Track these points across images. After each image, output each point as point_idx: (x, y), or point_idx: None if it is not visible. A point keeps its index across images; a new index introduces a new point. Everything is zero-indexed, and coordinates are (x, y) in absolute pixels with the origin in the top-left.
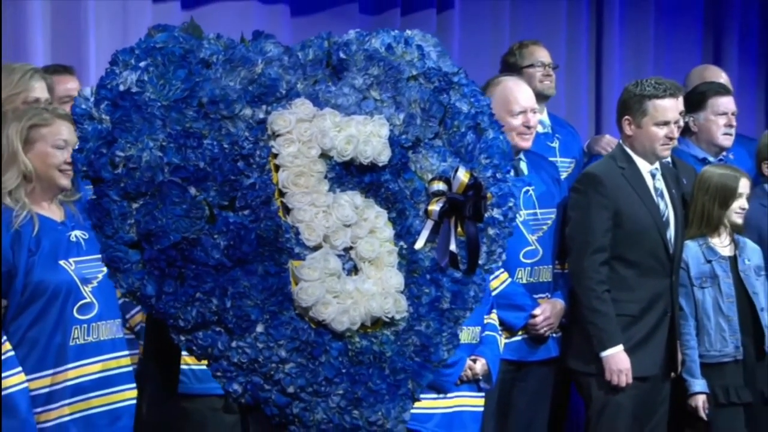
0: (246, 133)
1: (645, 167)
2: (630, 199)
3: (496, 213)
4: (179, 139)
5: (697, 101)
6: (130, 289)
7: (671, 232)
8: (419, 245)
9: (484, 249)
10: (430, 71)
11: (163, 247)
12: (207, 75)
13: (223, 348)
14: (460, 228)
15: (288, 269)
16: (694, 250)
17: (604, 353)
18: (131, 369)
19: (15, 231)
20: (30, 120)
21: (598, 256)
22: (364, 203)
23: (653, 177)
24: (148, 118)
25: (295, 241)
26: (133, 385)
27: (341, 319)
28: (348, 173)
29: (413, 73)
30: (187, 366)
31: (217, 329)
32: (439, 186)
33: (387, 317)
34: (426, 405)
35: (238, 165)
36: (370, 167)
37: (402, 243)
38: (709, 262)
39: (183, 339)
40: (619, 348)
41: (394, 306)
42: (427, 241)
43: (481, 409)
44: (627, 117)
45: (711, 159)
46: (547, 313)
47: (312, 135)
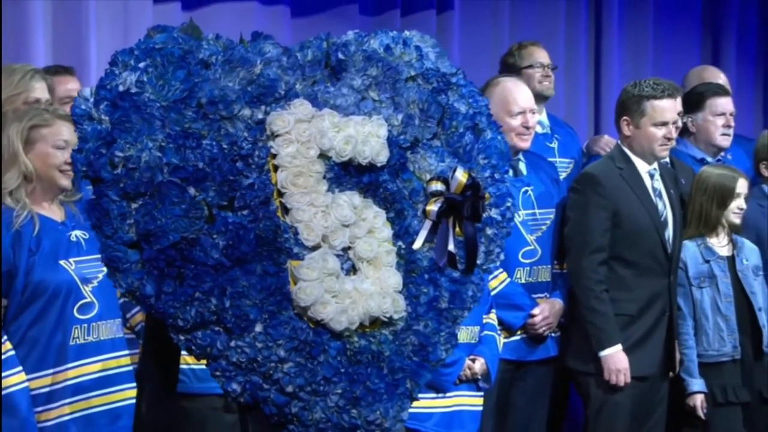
0: (245, 134)
1: (643, 167)
2: (628, 200)
3: (494, 213)
4: (178, 140)
5: (696, 102)
6: (129, 289)
7: (669, 232)
8: (417, 245)
9: (482, 249)
10: (428, 72)
11: (162, 247)
12: (206, 76)
13: (222, 347)
14: (458, 228)
15: (287, 269)
16: (692, 250)
17: (602, 353)
18: (131, 368)
19: (15, 231)
20: (31, 120)
21: (596, 256)
22: (362, 203)
23: (651, 177)
24: (147, 118)
25: (294, 241)
26: (134, 385)
27: (340, 319)
28: (346, 173)
29: (411, 74)
30: (187, 365)
31: (216, 329)
32: (438, 186)
33: (385, 317)
34: (425, 404)
35: (237, 165)
36: (368, 167)
37: (400, 243)
38: (708, 262)
39: (182, 338)
40: (618, 347)
41: (392, 306)
42: (426, 241)
43: (480, 409)
44: (625, 117)
45: (709, 159)
46: (546, 313)
47: (311, 135)
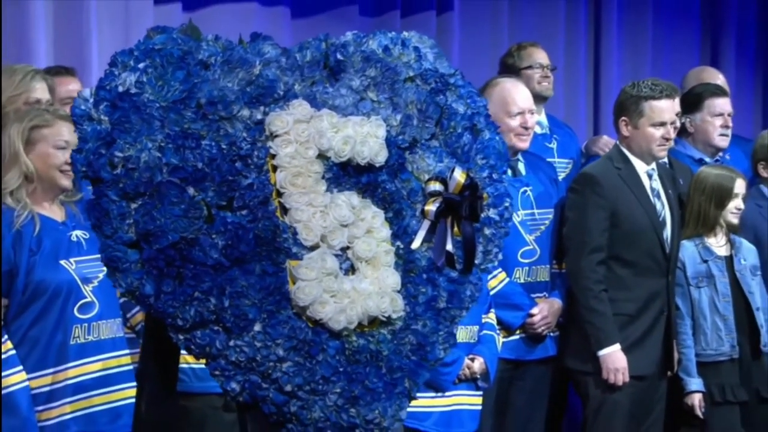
0: (244, 134)
1: (642, 168)
2: (627, 200)
3: (492, 213)
4: (178, 140)
5: (694, 102)
6: (128, 289)
7: (668, 232)
8: (416, 245)
9: (480, 249)
10: (426, 73)
11: (162, 247)
12: (205, 76)
13: (221, 347)
14: (456, 228)
15: (285, 269)
16: (690, 250)
17: (601, 352)
18: (132, 368)
19: (16, 231)
20: (31, 121)
21: (595, 255)
22: (361, 203)
23: (650, 177)
24: (146, 119)
25: (293, 241)
26: (134, 384)
27: (338, 318)
28: (345, 174)
29: (410, 75)
30: (187, 364)
31: (215, 328)
32: (436, 186)
33: (384, 316)
34: (424, 403)
35: (236, 165)
36: (367, 168)
37: (399, 243)
38: (706, 261)
39: (181, 338)
40: (616, 347)
41: (390, 305)
42: (424, 241)
43: (479, 408)
44: (624, 118)
45: (707, 160)
46: (545, 313)
47: (309, 136)
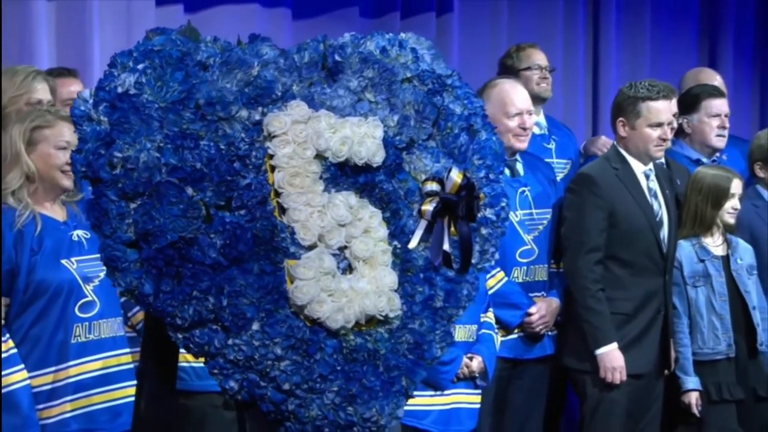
0: (242, 135)
1: (639, 168)
2: (624, 200)
3: (488, 213)
4: (176, 140)
5: (691, 103)
6: (128, 288)
7: (665, 232)
8: (413, 245)
9: (476, 248)
10: (423, 74)
11: (161, 247)
12: (204, 77)
13: (220, 345)
14: (453, 228)
15: (283, 268)
16: (687, 249)
17: (598, 351)
18: (132, 366)
19: (18, 230)
20: (33, 122)
21: (592, 255)
22: (358, 203)
23: (647, 178)
24: (145, 119)
25: (291, 241)
26: (134, 382)
27: (336, 317)
28: (343, 174)
29: (407, 76)
30: (187, 363)
31: (214, 327)
32: (433, 186)
33: (381, 315)
34: (423, 402)
35: (234, 166)
36: (364, 168)
37: (396, 242)
38: (702, 261)
39: (180, 337)
40: (614, 346)
41: (388, 304)
42: (421, 241)
43: (478, 406)
44: (621, 119)
45: (704, 160)
46: (543, 312)
47: (307, 136)
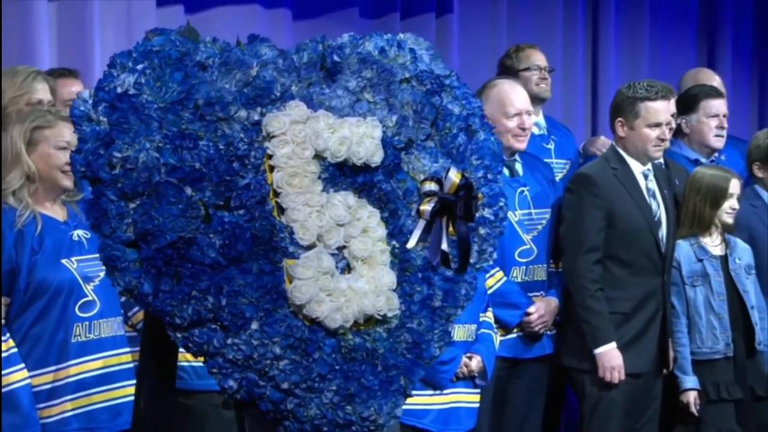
0: (241, 135)
1: (637, 168)
2: (623, 200)
3: (487, 213)
4: (175, 141)
5: (689, 103)
6: (127, 288)
7: (663, 231)
8: (411, 244)
9: (475, 248)
10: (422, 74)
11: (160, 246)
12: (203, 77)
13: (219, 345)
14: (451, 227)
15: (282, 268)
16: (685, 249)
17: (597, 350)
18: (132, 365)
19: (18, 230)
20: (33, 122)
21: (591, 255)
22: (357, 203)
23: (645, 178)
24: (144, 119)
25: (290, 240)
26: (135, 382)
27: (334, 317)
28: (341, 174)
29: (406, 76)
30: (187, 362)
31: (213, 326)
32: (431, 186)
33: (379, 315)
34: (423, 401)
35: (233, 166)
36: (363, 168)
37: (394, 242)
38: (701, 261)
39: (179, 336)
40: (612, 345)
41: (386, 304)
42: (419, 241)
43: (477, 405)
44: (620, 119)
45: (703, 160)
46: (542, 311)
47: (306, 136)
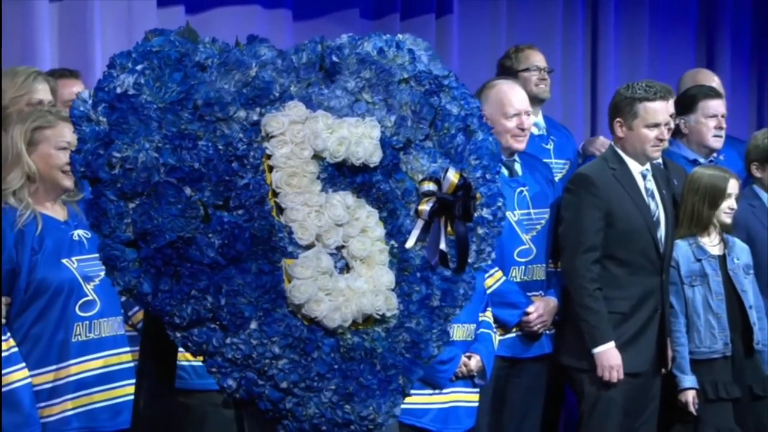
0: (240, 135)
1: (636, 168)
2: (621, 200)
3: (485, 212)
4: (175, 141)
5: (688, 104)
6: (126, 287)
7: (662, 231)
8: (410, 244)
9: (473, 248)
10: (420, 74)
11: (159, 246)
12: (202, 78)
13: (218, 344)
14: (449, 227)
15: (281, 267)
16: (684, 249)
17: (596, 350)
18: (132, 365)
19: (18, 230)
20: (34, 122)
21: (590, 255)
22: (355, 203)
23: (644, 178)
24: (144, 120)
25: (288, 240)
26: (134, 381)
27: (333, 316)
28: (340, 174)
29: (404, 76)
30: (187, 362)
31: (212, 326)
32: (430, 186)
33: (378, 314)
34: (422, 400)
35: (232, 166)
36: (361, 168)
37: (393, 242)
38: (699, 260)
39: (179, 335)
40: (611, 344)
41: (385, 303)
42: (418, 240)
43: (476, 405)
44: (618, 119)
45: (701, 160)
46: (541, 311)
47: (305, 136)
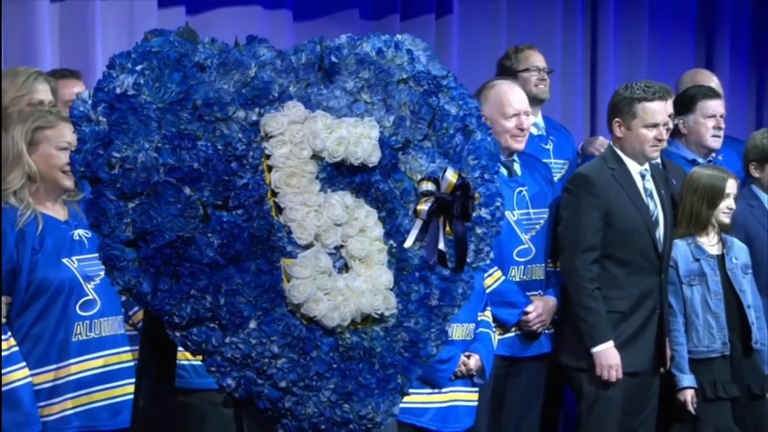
0: (239, 135)
1: (635, 168)
2: (620, 200)
3: (483, 212)
4: (174, 141)
5: (687, 104)
6: (126, 287)
7: (660, 231)
8: (408, 244)
9: (471, 247)
10: (419, 74)
11: (159, 246)
12: (201, 78)
13: (217, 344)
14: (448, 227)
15: (280, 267)
16: (682, 248)
17: (594, 349)
18: (132, 364)
19: (19, 230)
20: (34, 122)
21: (589, 254)
22: (354, 203)
23: (643, 178)
24: (143, 120)
25: (287, 240)
26: (134, 380)
27: (332, 316)
28: (339, 174)
29: (403, 77)
30: (187, 361)
31: (211, 325)
32: (428, 186)
33: (377, 314)
34: (421, 400)
35: (231, 166)
36: (360, 168)
37: (392, 242)
38: (698, 260)
39: (178, 335)
40: (610, 344)
41: (383, 303)
42: (416, 240)
43: (475, 404)
44: (617, 119)
45: (700, 160)
46: (540, 310)
47: (304, 136)
